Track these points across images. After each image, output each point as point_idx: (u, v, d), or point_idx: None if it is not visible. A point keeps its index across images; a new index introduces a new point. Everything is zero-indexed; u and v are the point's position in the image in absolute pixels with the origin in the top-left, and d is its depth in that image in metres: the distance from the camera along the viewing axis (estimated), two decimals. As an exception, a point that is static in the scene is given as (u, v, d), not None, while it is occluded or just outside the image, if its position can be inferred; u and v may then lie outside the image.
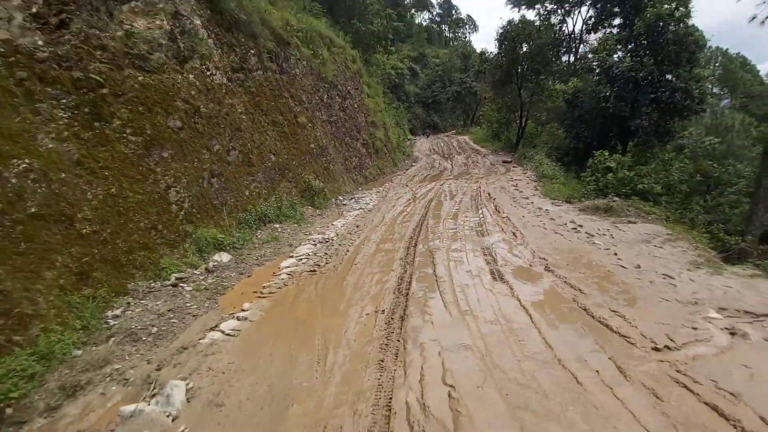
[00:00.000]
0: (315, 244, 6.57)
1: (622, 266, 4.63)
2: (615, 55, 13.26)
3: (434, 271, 4.87)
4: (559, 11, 18.49)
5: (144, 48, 6.07)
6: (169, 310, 4.11)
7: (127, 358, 3.27)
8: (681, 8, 12.51)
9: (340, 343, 3.29)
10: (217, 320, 3.95)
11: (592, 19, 17.11)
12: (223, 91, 8.07)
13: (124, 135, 5.26)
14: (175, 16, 7.20)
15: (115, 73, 5.36)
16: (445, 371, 2.80)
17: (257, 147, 8.91)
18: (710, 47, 44.94)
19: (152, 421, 2.51)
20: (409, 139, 34.51)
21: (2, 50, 4.13)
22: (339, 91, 16.49)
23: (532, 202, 8.79)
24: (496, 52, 22.48)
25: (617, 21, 15.29)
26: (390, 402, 2.50)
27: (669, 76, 13.53)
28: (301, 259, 5.81)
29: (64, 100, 4.70)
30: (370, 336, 3.38)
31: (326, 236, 7.03)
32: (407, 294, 4.20)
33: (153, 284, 4.60)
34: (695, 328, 3.16)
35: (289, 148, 10.48)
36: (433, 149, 27.82)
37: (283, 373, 2.94)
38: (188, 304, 4.34)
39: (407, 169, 18.88)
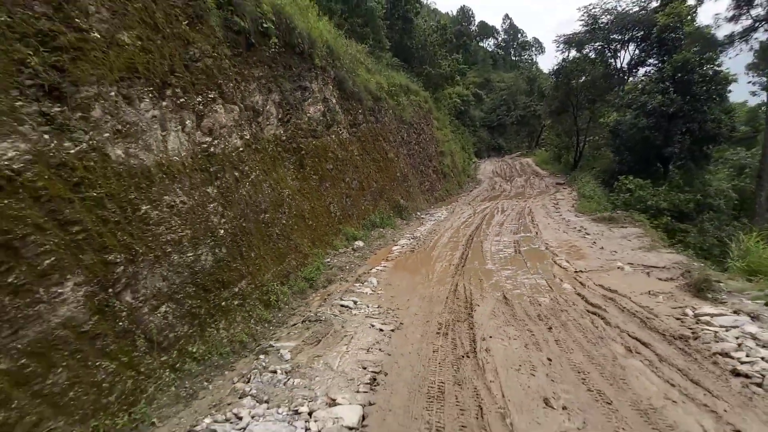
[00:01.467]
0: (409, 240, 11.01)
1: (591, 247, 8.33)
2: (646, 95, 16.20)
3: (481, 248, 9.00)
4: (606, 50, 21.57)
5: (314, 124, 11.20)
6: (348, 262, 8.75)
7: (341, 274, 7.88)
8: (708, 54, 15.25)
9: (434, 273, 7.56)
10: (370, 267, 8.45)
11: (636, 56, 20.02)
12: (347, 142, 13.08)
13: (312, 175, 10.26)
14: (324, 101, 12.39)
15: (306, 140, 10.44)
16: (479, 272, 6.95)
17: (366, 177, 13.78)
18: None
19: (364, 292, 6.97)
20: (474, 162, 38.33)
21: (274, 139, 9.28)
22: (414, 129, 21.29)
23: (561, 215, 12.40)
24: (553, 83, 25.91)
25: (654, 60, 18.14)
26: (456, 287, 6.69)
27: (705, 108, 16.07)
28: (403, 246, 10.26)
29: (290, 159, 9.77)
30: (447, 271, 7.62)
31: (415, 235, 11.46)
32: (467, 253, 8.39)
33: (336, 251, 9.36)
34: (602, 267, 6.91)
35: (383, 177, 15.28)
36: (496, 171, 31.35)
37: (410, 281, 7.28)
38: (353, 261, 8.95)
39: (471, 191, 22.89)
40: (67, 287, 3.35)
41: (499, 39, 65.26)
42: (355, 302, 5.87)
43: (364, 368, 3.73)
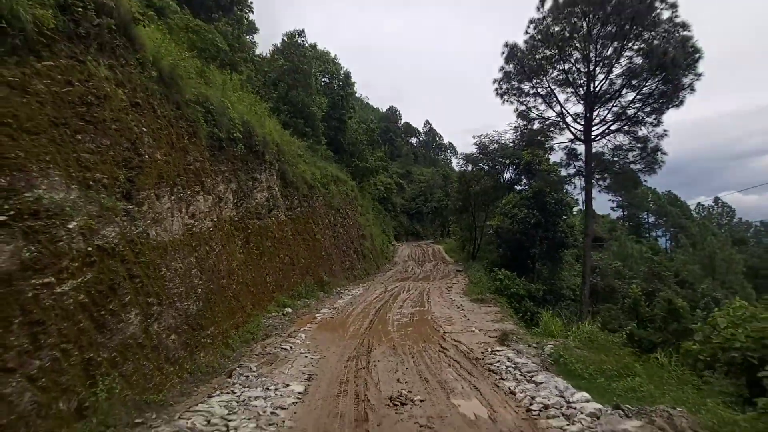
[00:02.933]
0: (329, 309, 13.84)
1: (461, 318, 12.04)
2: (516, 208, 22.32)
3: (386, 317, 12.21)
4: (494, 168, 28.77)
5: (259, 208, 14.16)
6: (280, 323, 11.23)
7: (275, 331, 10.35)
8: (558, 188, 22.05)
9: (348, 333, 10.47)
10: (297, 328, 11.04)
11: (512, 177, 27.31)
12: (284, 223, 16.10)
13: (254, 250, 12.96)
14: (269, 189, 15.54)
15: (252, 221, 13.27)
16: (381, 332, 10.03)
17: (296, 255, 16.67)
18: (645, 186, 57.66)
19: (296, 342, 9.56)
20: (393, 245, 43.07)
21: (229, 220, 12.02)
22: (341, 214, 25.09)
23: (450, 296, 16.38)
24: (456, 188, 32.48)
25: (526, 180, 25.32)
26: (363, 340, 9.67)
27: (555, 222, 22.48)
28: (324, 314, 13.03)
29: (239, 236, 12.46)
30: (358, 331, 10.58)
31: (334, 306, 14.34)
32: (374, 320, 11.51)
33: (269, 314, 11.77)
34: (462, 330, 10.51)
35: (311, 255, 18.27)
36: (411, 255, 36.03)
37: (330, 337, 10.08)
38: (284, 322, 11.45)
39: (386, 272, 26.64)
40: (131, 315, 5.78)
41: (421, 138, 76.62)
42: (290, 346, 8.53)
43: (303, 373, 6.48)
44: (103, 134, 6.25)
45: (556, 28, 19.38)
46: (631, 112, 19.40)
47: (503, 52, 20.64)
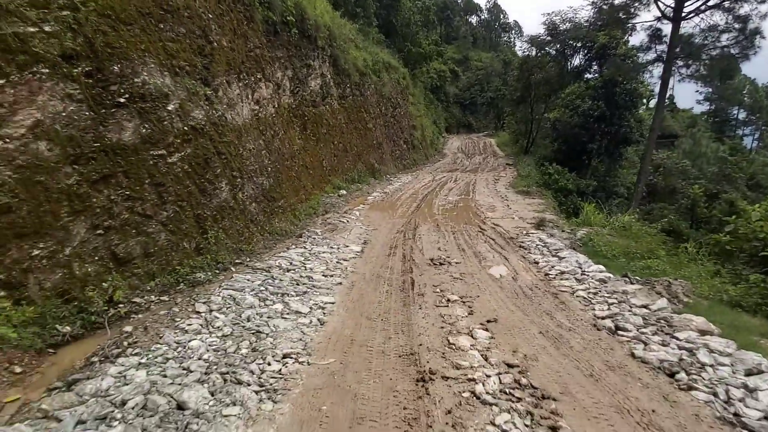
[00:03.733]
0: (380, 193, 15.10)
1: (503, 207, 12.82)
2: (580, 99, 20.85)
3: (432, 202, 13.28)
4: (563, 52, 26.01)
5: (314, 96, 14.74)
6: (336, 202, 12.70)
7: (333, 209, 11.85)
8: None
9: (397, 213, 11.73)
10: (352, 207, 12.45)
11: (582, 63, 24.67)
12: (337, 111, 16.70)
13: (311, 136, 13.95)
14: (322, 76, 15.84)
15: (308, 109, 14.03)
16: (426, 214, 11.21)
17: (349, 142, 17.55)
18: (741, 76, 49.85)
19: (352, 218, 11.01)
20: (443, 137, 42.56)
21: (287, 107, 12.84)
22: (392, 103, 24.96)
23: (496, 188, 16.96)
24: (516, 75, 30.24)
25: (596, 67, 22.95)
26: (410, 219, 10.90)
27: (622, 115, 20.98)
28: (375, 197, 14.33)
29: (297, 123, 13.39)
30: (406, 212, 11.81)
31: (385, 191, 15.57)
32: (421, 204, 12.66)
33: (327, 194, 13.26)
34: (502, 216, 11.38)
35: (362, 143, 19.09)
36: (461, 148, 35.78)
37: (381, 215, 11.41)
38: (340, 202, 12.92)
39: (435, 163, 27.17)
40: (221, 184, 7.15)
41: (482, 17, 68.37)
42: (347, 220, 9.95)
43: (359, 238, 7.88)
44: (179, 22, 6.89)
45: None
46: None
47: None
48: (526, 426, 2.61)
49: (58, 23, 4.90)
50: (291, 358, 3.39)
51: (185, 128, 6.51)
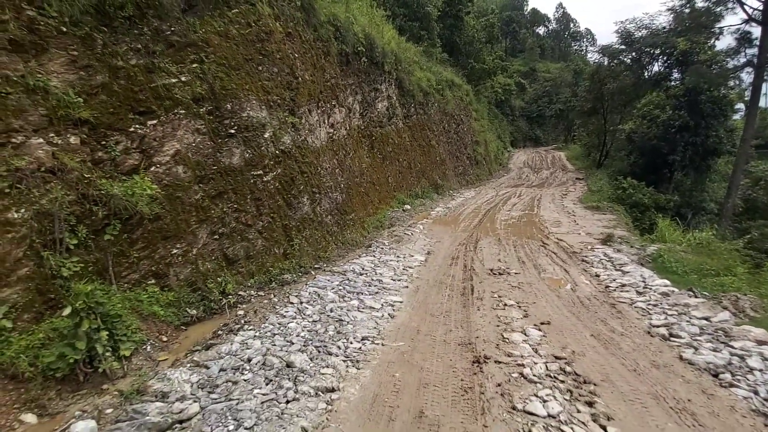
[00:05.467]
0: (443, 208, 15.72)
1: (569, 223, 12.76)
2: (659, 109, 19.82)
3: (494, 217, 13.62)
4: (639, 60, 24.88)
5: (381, 117, 15.91)
6: (401, 217, 13.58)
7: (398, 222, 12.72)
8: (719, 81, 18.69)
9: (459, 227, 12.27)
10: (416, 221, 13.23)
11: (661, 71, 23.35)
12: (402, 130, 17.75)
13: (377, 155, 15.07)
14: (389, 98, 17.02)
15: (375, 129, 15.20)
16: (488, 228, 11.62)
17: (413, 159, 18.48)
18: None
19: (416, 231, 11.78)
20: (508, 151, 42.04)
21: (357, 128, 14.10)
22: (455, 120, 25.61)
23: (563, 203, 16.72)
24: (587, 87, 29.32)
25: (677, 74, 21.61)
26: (472, 233, 11.39)
27: (709, 125, 19.57)
28: (438, 212, 14.98)
29: (365, 143, 14.59)
30: (468, 227, 12.31)
31: (447, 206, 16.15)
32: (483, 219, 13.07)
33: (392, 209, 14.21)
34: (568, 232, 11.40)
35: (426, 160, 19.92)
36: (527, 162, 35.17)
37: (444, 229, 12.03)
38: (405, 216, 13.77)
39: (499, 178, 27.14)
40: (303, 199, 8.36)
41: (550, 27, 66.75)
42: (412, 233, 10.74)
43: (423, 249, 8.62)
44: (273, 63, 8.31)
45: None
46: None
47: None
48: (566, 400, 3.12)
49: (190, 74, 6.39)
50: (368, 340, 4.21)
51: (277, 152, 7.81)
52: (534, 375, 3.50)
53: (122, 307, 4.41)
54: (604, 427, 2.87)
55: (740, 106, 23.50)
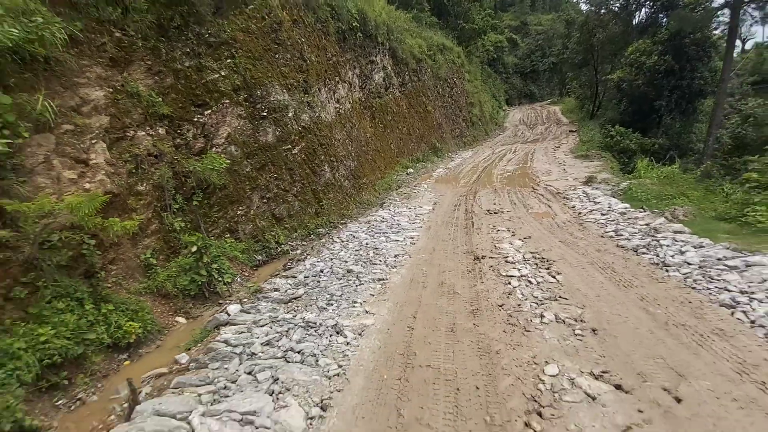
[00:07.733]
0: (443, 169, 17.38)
1: (559, 171, 14.46)
2: (645, 56, 21.07)
3: (491, 172, 15.31)
4: (626, 8, 25.87)
5: (378, 88, 17.33)
6: (406, 179, 15.28)
7: (404, 184, 14.43)
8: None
9: (460, 184, 13.99)
10: (420, 182, 14.93)
11: (647, 17, 24.42)
12: (398, 99, 19.17)
13: (379, 124, 16.61)
14: (384, 68, 18.36)
15: (374, 100, 16.67)
16: (485, 182, 13.34)
17: (411, 126, 19.98)
18: None
19: (421, 190, 13.50)
20: (504, 110, 43.11)
21: (358, 101, 15.58)
22: (448, 84, 26.84)
23: (555, 155, 18.35)
24: (576, 38, 30.30)
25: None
26: (471, 187, 13.11)
27: (693, 67, 20.85)
28: (439, 172, 16.65)
29: (366, 114, 16.11)
30: (467, 183, 14.02)
31: (447, 167, 17.81)
32: (481, 175, 14.78)
33: (397, 173, 15.90)
34: (556, 179, 13.12)
35: (424, 126, 21.41)
36: (522, 120, 36.44)
37: (446, 187, 13.75)
38: (409, 179, 15.46)
39: (495, 137, 28.61)
40: (325, 167, 10.05)
41: (540, -25, 65.83)
42: (418, 191, 12.49)
43: (430, 201, 10.41)
44: (287, 51, 9.81)
45: None
46: None
47: None
48: (533, 267, 4.97)
49: (227, 68, 7.95)
50: (400, 255, 6.03)
51: (299, 128, 9.44)
52: (515, 260, 5.33)
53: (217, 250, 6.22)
54: (554, 276, 4.71)
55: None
